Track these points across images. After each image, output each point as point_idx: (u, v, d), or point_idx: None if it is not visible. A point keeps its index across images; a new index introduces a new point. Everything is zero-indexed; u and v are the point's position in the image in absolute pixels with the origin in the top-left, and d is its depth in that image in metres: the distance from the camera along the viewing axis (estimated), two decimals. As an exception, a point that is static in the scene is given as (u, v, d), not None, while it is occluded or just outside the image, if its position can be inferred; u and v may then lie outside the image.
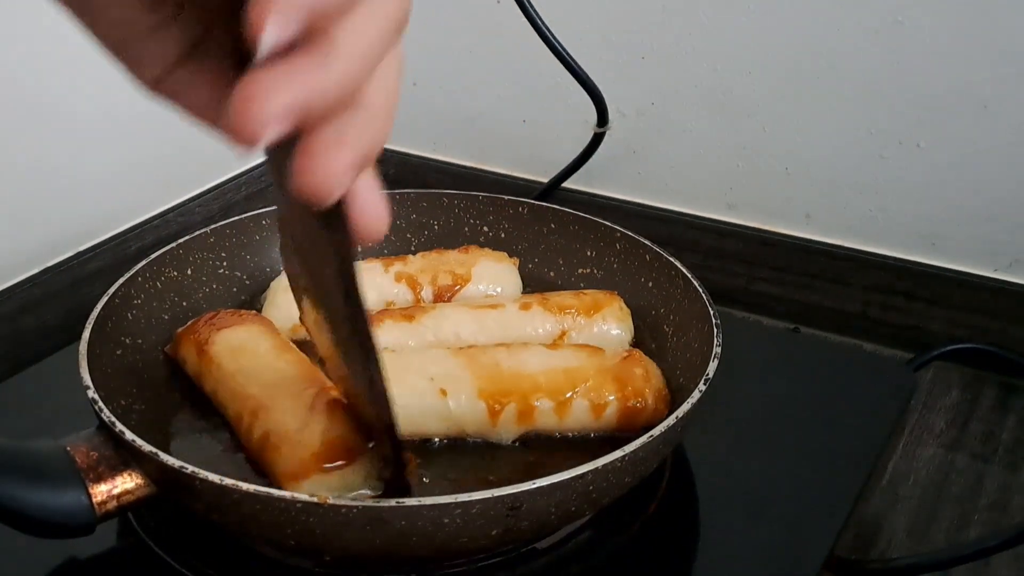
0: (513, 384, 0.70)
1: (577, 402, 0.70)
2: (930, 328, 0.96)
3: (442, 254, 0.89)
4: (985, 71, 0.87)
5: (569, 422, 0.71)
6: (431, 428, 0.70)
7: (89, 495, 0.60)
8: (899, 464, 0.82)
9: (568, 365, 0.72)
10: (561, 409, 0.70)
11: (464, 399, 0.69)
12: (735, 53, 0.97)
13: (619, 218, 0.89)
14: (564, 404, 0.70)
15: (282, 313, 0.83)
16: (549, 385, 0.70)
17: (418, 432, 0.70)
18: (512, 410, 0.69)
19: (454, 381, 0.70)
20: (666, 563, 0.67)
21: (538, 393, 0.70)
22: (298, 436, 0.64)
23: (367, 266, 0.87)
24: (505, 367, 0.71)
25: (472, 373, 0.70)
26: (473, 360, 0.71)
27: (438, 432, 0.71)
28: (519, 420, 0.70)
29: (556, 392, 0.70)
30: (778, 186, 1.00)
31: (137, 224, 1.02)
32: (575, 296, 0.83)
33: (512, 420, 0.70)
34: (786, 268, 1.01)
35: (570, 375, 0.71)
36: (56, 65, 0.91)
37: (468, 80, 1.11)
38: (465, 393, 0.69)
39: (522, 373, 0.71)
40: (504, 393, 0.69)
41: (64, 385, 0.72)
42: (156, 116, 1.06)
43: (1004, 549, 0.65)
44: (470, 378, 0.70)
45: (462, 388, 0.69)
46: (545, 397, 0.70)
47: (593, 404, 0.71)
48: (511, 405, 0.69)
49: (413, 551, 0.59)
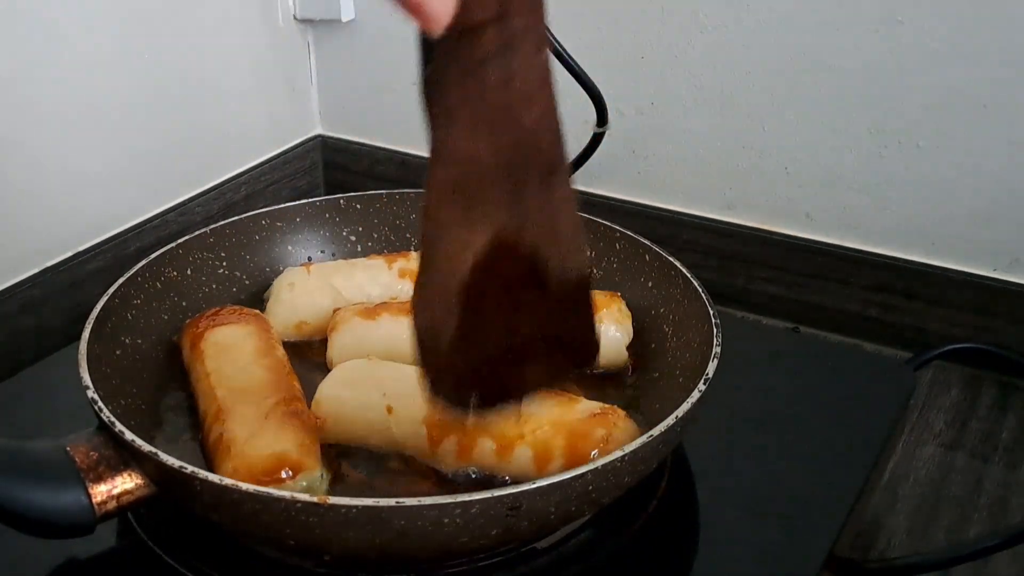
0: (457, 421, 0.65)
1: (519, 449, 0.66)
2: (930, 328, 0.95)
3: None
4: (985, 71, 0.87)
5: (510, 468, 0.66)
6: (371, 442, 0.70)
7: (89, 495, 0.60)
8: (899, 464, 0.82)
9: (528, 408, 0.67)
10: (503, 453, 0.66)
11: (407, 422, 0.67)
12: (735, 53, 0.97)
13: (619, 218, 0.89)
14: (507, 447, 0.66)
15: (285, 310, 0.83)
16: (496, 426, 0.66)
17: (357, 442, 0.70)
18: (451, 443, 0.67)
19: (405, 401, 0.67)
20: (666, 563, 0.67)
21: (482, 433, 0.66)
22: (243, 446, 0.65)
23: (370, 263, 0.87)
24: None
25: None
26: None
27: (378, 447, 0.70)
28: (459, 455, 0.67)
29: (500, 435, 0.66)
30: (778, 186, 1.00)
31: (137, 224, 1.02)
32: None
33: (451, 453, 0.67)
34: (786, 268, 1.01)
35: (525, 418, 0.66)
36: (56, 65, 0.91)
37: (468, 80, 1.11)
38: (410, 416, 0.67)
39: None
40: (448, 426, 0.66)
41: (64, 385, 0.72)
42: (156, 116, 1.06)
43: (1004, 549, 0.65)
44: (422, 402, 0.62)
45: (410, 410, 0.67)
46: (488, 438, 0.66)
47: (537, 455, 0.66)
48: (451, 438, 0.67)
49: (413, 551, 0.59)
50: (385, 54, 1.14)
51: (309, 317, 0.83)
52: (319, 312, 0.83)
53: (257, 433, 0.66)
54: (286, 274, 0.86)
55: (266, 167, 1.16)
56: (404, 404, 0.68)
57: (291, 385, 0.72)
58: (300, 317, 0.83)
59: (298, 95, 1.19)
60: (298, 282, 0.84)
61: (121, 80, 0.97)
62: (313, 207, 0.92)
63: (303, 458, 0.65)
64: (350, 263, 0.89)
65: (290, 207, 0.92)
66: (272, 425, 0.67)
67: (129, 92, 0.98)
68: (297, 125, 1.21)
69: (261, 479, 0.61)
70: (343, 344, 0.78)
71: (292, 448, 0.65)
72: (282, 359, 0.76)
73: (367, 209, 0.93)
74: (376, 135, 1.20)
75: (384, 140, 1.20)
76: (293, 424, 0.67)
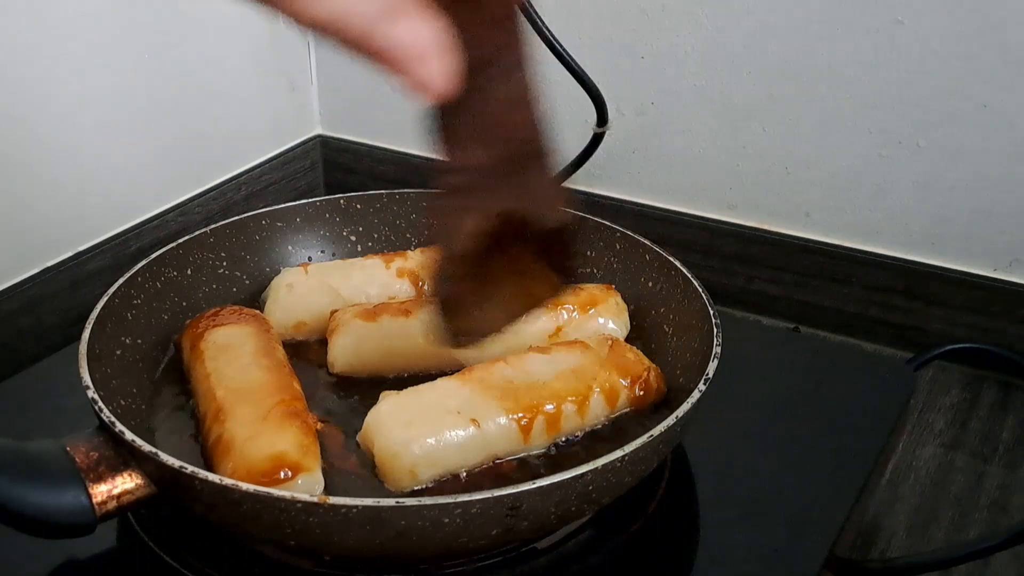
0: (534, 396, 0.70)
1: (594, 398, 0.71)
2: (930, 328, 0.96)
3: None
4: (985, 71, 0.87)
5: (588, 419, 0.72)
6: (469, 461, 0.68)
7: (89, 495, 0.60)
8: (899, 464, 0.82)
9: (573, 365, 0.73)
10: (582, 408, 0.71)
11: (495, 423, 0.68)
12: (735, 53, 0.97)
13: (619, 218, 0.89)
14: (583, 402, 0.71)
15: (283, 311, 0.83)
16: (566, 388, 0.71)
17: (452, 469, 0.68)
18: (541, 422, 0.69)
19: (479, 408, 0.69)
20: (666, 563, 0.67)
21: (559, 399, 0.70)
22: (243, 446, 0.65)
23: (368, 262, 0.87)
24: (518, 383, 0.71)
25: (491, 396, 0.69)
26: (485, 384, 0.70)
27: (474, 463, 0.68)
28: (548, 430, 0.70)
29: (575, 393, 0.71)
30: (778, 186, 1.00)
31: (137, 224, 1.02)
32: (572, 291, 0.82)
33: (542, 432, 0.70)
34: (786, 268, 1.01)
35: (579, 374, 0.72)
36: (56, 65, 0.91)
37: (468, 80, 1.11)
38: (494, 417, 0.68)
39: (536, 384, 0.71)
40: (529, 407, 0.69)
41: (64, 385, 0.72)
42: (156, 116, 1.06)
43: (1004, 549, 0.65)
44: (492, 401, 0.69)
45: (490, 413, 0.68)
46: (568, 400, 0.71)
47: (607, 395, 0.72)
48: (539, 417, 0.69)
49: (413, 551, 0.59)
50: (385, 54, 1.14)
51: (308, 317, 0.83)
52: (317, 312, 0.83)
53: (256, 433, 0.66)
54: (284, 275, 0.86)
55: (266, 167, 1.16)
56: (482, 412, 0.68)
57: (291, 385, 0.72)
58: (299, 318, 0.83)
59: (298, 95, 1.19)
60: (296, 283, 0.84)
61: (121, 80, 0.97)
62: (313, 207, 0.92)
63: (302, 459, 0.65)
64: (348, 263, 0.88)
65: (290, 207, 0.92)
66: (271, 425, 0.67)
67: (129, 92, 0.98)
68: (297, 125, 1.21)
69: (260, 479, 0.61)
70: (344, 345, 0.78)
71: (291, 449, 0.65)
72: (282, 359, 0.76)
73: (367, 209, 0.93)
74: (376, 135, 1.20)
75: (384, 140, 1.20)
76: (292, 425, 0.67)
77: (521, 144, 0.51)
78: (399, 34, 0.39)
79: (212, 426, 0.69)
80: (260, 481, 0.60)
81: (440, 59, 0.40)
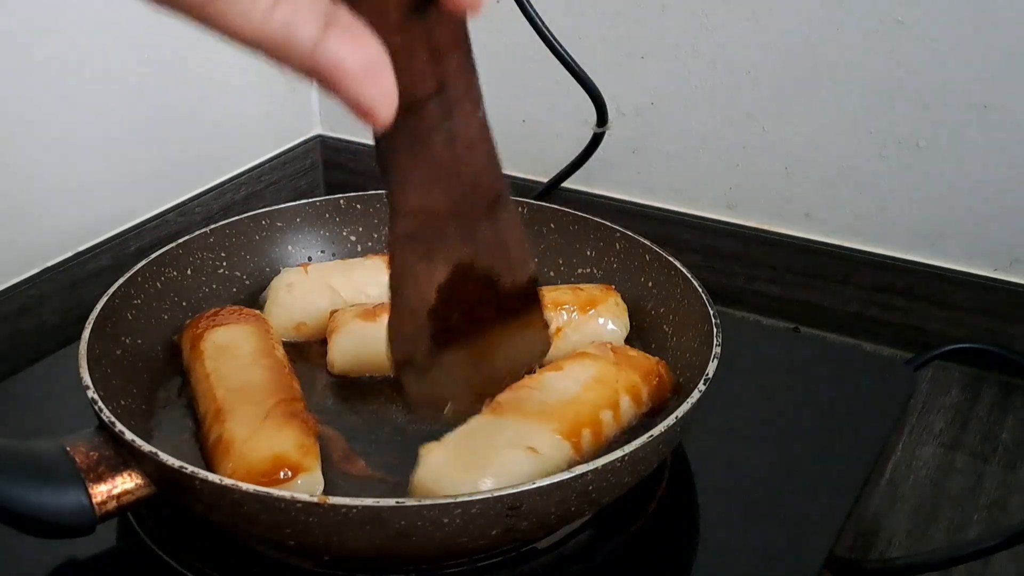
0: (573, 411, 0.69)
1: (623, 400, 0.71)
2: (930, 328, 0.95)
3: None
4: (985, 71, 0.87)
5: (624, 422, 0.71)
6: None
7: (89, 495, 0.60)
8: (899, 464, 0.82)
9: (593, 374, 0.72)
10: (616, 413, 0.70)
11: (552, 446, 0.66)
12: (735, 53, 0.97)
13: (619, 218, 0.89)
14: (615, 407, 0.70)
15: (283, 311, 0.83)
16: (598, 398, 0.70)
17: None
18: (588, 434, 0.68)
19: (530, 435, 0.67)
20: (666, 563, 0.67)
21: (596, 407, 0.70)
22: (243, 446, 0.65)
23: (368, 262, 0.87)
24: (552, 402, 0.69)
25: (535, 421, 0.67)
26: (523, 411, 0.69)
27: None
28: (594, 440, 0.68)
29: (606, 399, 0.70)
30: (778, 186, 1.00)
31: (137, 224, 1.02)
32: (572, 291, 0.82)
33: (590, 443, 0.68)
34: (786, 268, 1.01)
35: (602, 381, 0.71)
36: (56, 65, 0.91)
37: (468, 80, 1.11)
38: (549, 440, 0.66)
39: (569, 399, 0.70)
40: (575, 423, 0.68)
41: (64, 385, 0.72)
42: (156, 116, 1.06)
43: (1004, 549, 0.65)
44: (538, 425, 0.67)
45: (543, 437, 0.67)
46: (604, 409, 0.70)
47: (632, 395, 0.72)
48: (586, 431, 0.68)
49: (413, 551, 0.59)
50: (385, 54, 1.14)
51: (308, 318, 0.83)
52: (318, 313, 0.83)
53: (256, 434, 0.66)
54: (284, 275, 0.85)
55: (266, 167, 1.16)
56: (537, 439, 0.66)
57: (291, 386, 0.72)
58: (299, 318, 0.83)
59: (298, 95, 1.19)
60: (296, 283, 0.84)
61: (120, 80, 0.97)
62: (313, 207, 0.92)
63: (302, 459, 0.65)
64: (348, 263, 0.88)
65: (290, 207, 0.91)
66: (271, 426, 0.67)
67: (129, 92, 0.98)
68: (297, 125, 1.21)
69: (260, 480, 0.61)
70: (343, 346, 0.78)
71: (291, 449, 0.65)
72: (282, 359, 0.76)
73: (367, 209, 0.93)
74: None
75: (384, 140, 1.20)
76: (292, 425, 0.67)
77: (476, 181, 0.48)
78: (336, 51, 0.36)
79: (212, 426, 0.69)
80: (260, 481, 0.60)
81: (380, 82, 0.38)
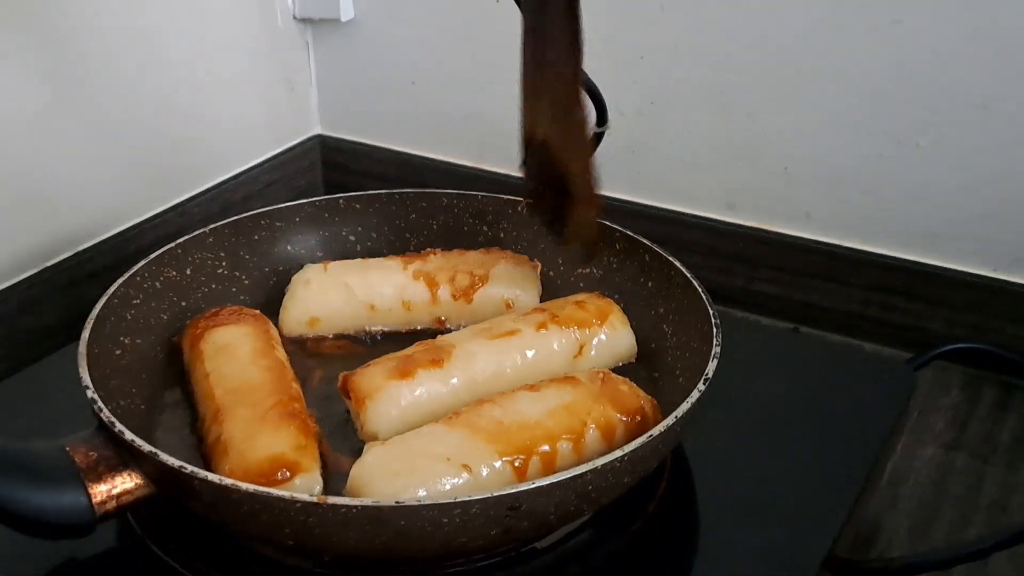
0: (527, 436, 0.66)
1: (589, 434, 0.68)
2: (930, 328, 0.96)
3: (463, 254, 0.88)
4: (985, 71, 0.87)
5: (585, 456, 0.67)
6: None
7: (88, 495, 0.60)
8: (899, 464, 0.82)
9: (564, 402, 0.69)
10: (578, 445, 0.67)
11: (489, 467, 0.65)
12: (735, 53, 0.97)
13: (619, 218, 0.89)
14: (579, 440, 0.67)
15: (298, 305, 0.84)
16: (559, 426, 0.67)
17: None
18: (536, 463, 0.66)
19: (470, 453, 0.65)
20: (666, 563, 0.67)
21: (553, 437, 0.67)
22: (241, 446, 0.65)
23: (386, 263, 0.87)
24: (508, 423, 0.67)
25: (482, 440, 0.66)
26: (474, 427, 0.67)
27: None
28: (544, 470, 0.66)
29: (569, 430, 0.67)
30: (778, 186, 1.00)
31: (136, 224, 1.02)
32: (578, 306, 0.80)
33: (538, 473, 0.65)
34: (786, 268, 1.01)
35: (572, 410, 0.69)
36: (55, 65, 0.91)
37: (468, 80, 1.11)
38: (487, 460, 0.65)
39: (527, 423, 0.67)
40: (523, 448, 0.65)
41: (64, 385, 0.72)
42: (155, 116, 1.06)
43: (1004, 549, 0.65)
44: (483, 445, 0.65)
45: (483, 457, 0.65)
46: (563, 439, 0.67)
47: (603, 431, 0.68)
48: (534, 458, 0.66)
49: (413, 551, 0.59)
50: (384, 54, 1.14)
51: (321, 314, 0.84)
52: (332, 309, 0.84)
53: (255, 434, 0.66)
54: (304, 271, 0.86)
55: (265, 167, 1.16)
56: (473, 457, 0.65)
57: (290, 386, 0.72)
58: (313, 313, 0.84)
59: (297, 95, 1.19)
60: (314, 279, 0.85)
61: (120, 80, 0.97)
62: (313, 207, 0.92)
63: (300, 459, 0.65)
64: (366, 263, 0.88)
65: (290, 207, 0.92)
66: (270, 426, 0.67)
67: (128, 92, 0.98)
68: (296, 125, 1.21)
69: (258, 479, 0.61)
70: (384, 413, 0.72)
71: (289, 449, 0.65)
72: (281, 360, 0.76)
73: (367, 209, 0.93)
74: (376, 135, 1.20)
75: (384, 140, 1.20)
76: (291, 425, 0.67)
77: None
78: None
79: (211, 426, 0.69)
80: (258, 481, 0.60)
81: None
